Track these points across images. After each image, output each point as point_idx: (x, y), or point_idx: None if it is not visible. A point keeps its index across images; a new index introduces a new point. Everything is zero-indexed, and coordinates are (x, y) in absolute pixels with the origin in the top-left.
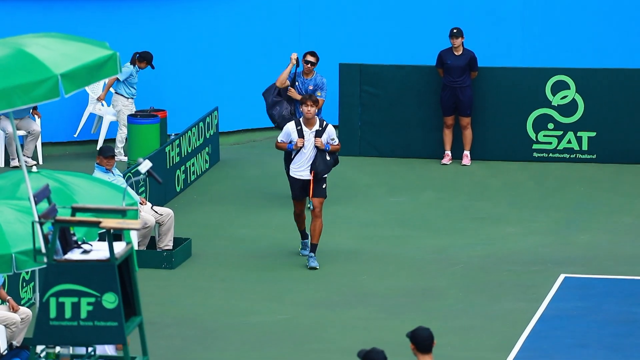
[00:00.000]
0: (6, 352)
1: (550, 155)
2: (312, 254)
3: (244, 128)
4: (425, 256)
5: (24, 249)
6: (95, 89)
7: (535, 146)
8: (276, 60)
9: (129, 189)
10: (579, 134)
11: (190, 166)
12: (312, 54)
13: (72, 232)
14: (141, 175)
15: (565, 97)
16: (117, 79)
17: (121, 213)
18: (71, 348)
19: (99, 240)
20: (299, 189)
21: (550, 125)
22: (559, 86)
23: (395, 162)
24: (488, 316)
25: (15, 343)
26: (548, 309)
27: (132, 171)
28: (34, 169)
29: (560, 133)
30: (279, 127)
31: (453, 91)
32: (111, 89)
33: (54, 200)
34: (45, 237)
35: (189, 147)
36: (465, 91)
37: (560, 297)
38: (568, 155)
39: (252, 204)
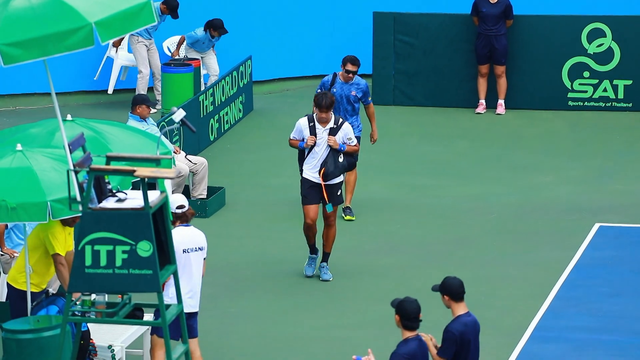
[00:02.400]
0: (42, 299)
1: (586, 103)
2: (325, 265)
3: (278, 77)
4: (459, 205)
5: (59, 197)
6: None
7: (570, 95)
8: (310, 9)
9: (163, 138)
10: (614, 82)
11: (224, 115)
12: (354, 62)
13: (106, 180)
14: (175, 124)
15: (601, 45)
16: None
17: (155, 162)
18: (106, 295)
19: (133, 189)
20: (311, 191)
21: (586, 74)
22: (595, 34)
23: (429, 111)
24: (523, 265)
25: (52, 290)
26: (583, 257)
27: (166, 120)
28: (69, 117)
29: (595, 81)
30: None
31: (488, 39)
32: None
33: (89, 148)
34: (80, 185)
35: (223, 96)
36: (500, 39)
37: (595, 246)
38: (603, 104)
39: (285, 152)
